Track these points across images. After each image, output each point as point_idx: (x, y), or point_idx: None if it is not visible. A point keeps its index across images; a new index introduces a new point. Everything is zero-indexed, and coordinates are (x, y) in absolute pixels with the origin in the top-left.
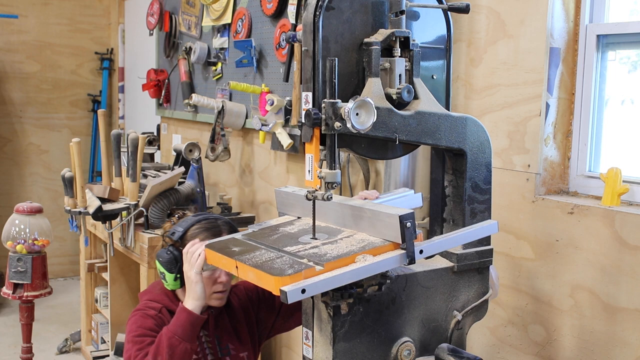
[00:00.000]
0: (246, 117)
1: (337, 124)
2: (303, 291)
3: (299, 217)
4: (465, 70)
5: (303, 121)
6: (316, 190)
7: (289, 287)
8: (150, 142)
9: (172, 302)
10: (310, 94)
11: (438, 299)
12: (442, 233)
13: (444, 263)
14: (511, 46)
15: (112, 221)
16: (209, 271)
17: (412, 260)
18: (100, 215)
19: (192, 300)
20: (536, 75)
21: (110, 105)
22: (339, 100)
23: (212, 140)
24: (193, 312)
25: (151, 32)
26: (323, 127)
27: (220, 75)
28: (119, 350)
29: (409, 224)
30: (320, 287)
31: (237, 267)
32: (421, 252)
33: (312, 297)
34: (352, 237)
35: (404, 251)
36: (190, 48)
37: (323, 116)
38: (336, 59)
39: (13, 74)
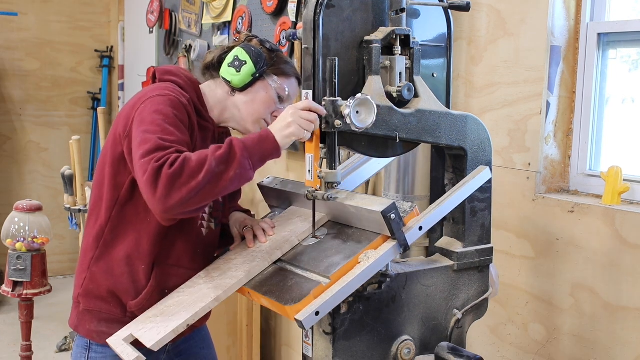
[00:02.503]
0: None
1: (338, 122)
2: (317, 314)
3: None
4: (466, 69)
5: None
6: (316, 190)
7: (302, 315)
8: None
9: (198, 99)
10: (310, 92)
11: (438, 298)
12: (442, 232)
13: (445, 261)
14: (512, 44)
15: None
16: (277, 99)
17: (406, 248)
18: None
19: (283, 136)
20: (537, 73)
21: (110, 103)
22: (339, 99)
23: None
24: (279, 148)
25: (151, 29)
26: (323, 125)
27: None
28: None
29: (393, 216)
30: (330, 305)
31: (249, 293)
32: (420, 228)
33: None
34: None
35: (395, 242)
36: (191, 46)
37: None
38: (336, 58)
39: (13, 72)
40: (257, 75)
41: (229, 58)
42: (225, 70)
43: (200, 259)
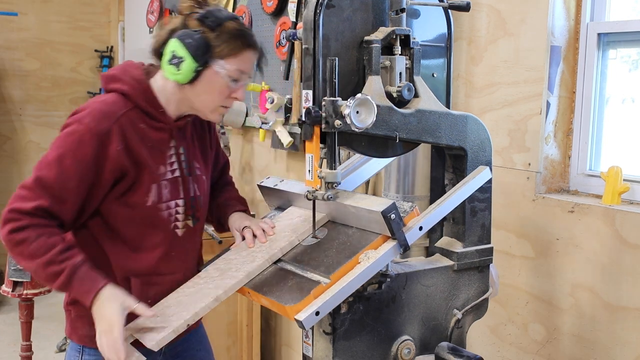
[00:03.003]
0: (246, 115)
1: (338, 122)
2: (317, 313)
3: (291, 207)
4: (466, 69)
5: (303, 119)
6: (316, 190)
7: (303, 315)
8: None
9: (147, 103)
10: (310, 92)
11: (438, 298)
12: (442, 232)
13: (445, 261)
14: (512, 44)
15: None
16: (230, 82)
17: (406, 248)
18: None
19: (99, 326)
20: (537, 73)
21: None
22: (339, 98)
23: None
24: (89, 307)
25: (151, 29)
26: (323, 125)
27: None
28: None
29: (393, 216)
30: (331, 305)
31: (249, 292)
32: (420, 228)
33: None
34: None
35: (395, 242)
36: None
37: (323, 114)
38: (336, 58)
39: (13, 72)
40: (200, 68)
41: (167, 54)
42: (166, 69)
43: (178, 261)
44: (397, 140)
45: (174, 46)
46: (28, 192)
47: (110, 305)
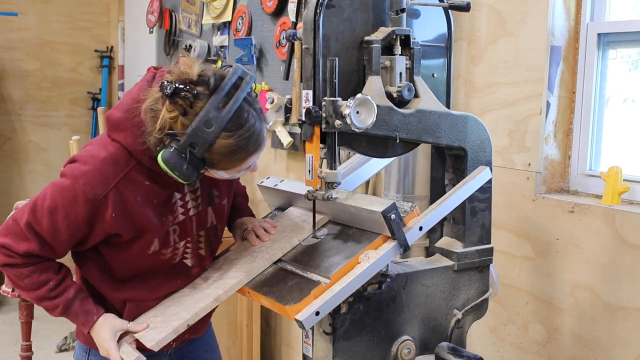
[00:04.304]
0: None
1: (338, 122)
2: (317, 314)
3: (291, 206)
4: (466, 69)
5: (303, 119)
6: (316, 190)
7: (303, 315)
8: None
9: (153, 160)
10: (310, 92)
11: (438, 298)
12: (442, 232)
13: (445, 262)
14: (512, 44)
15: None
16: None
17: (406, 248)
18: None
19: (94, 335)
20: (537, 73)
21: (110, 103)
22: (339, 99)
23: None
24: (84, 332)
25: (151, 29)
26: (323, 126)
27: None
28: None
29: (393, 216)
30: (331, 305)
31: (249, 292)
32: (421, 228)
33: None
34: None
35: (395, 242)
36: (190, 46)
37: (323, 114)
38: (336, 58)
39: (13, 72)
40: (199, 177)
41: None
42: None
43: (179, 285)
44: (397, 141)
45: (165, 168)
46: (21, 231)
47: (104, 331)
